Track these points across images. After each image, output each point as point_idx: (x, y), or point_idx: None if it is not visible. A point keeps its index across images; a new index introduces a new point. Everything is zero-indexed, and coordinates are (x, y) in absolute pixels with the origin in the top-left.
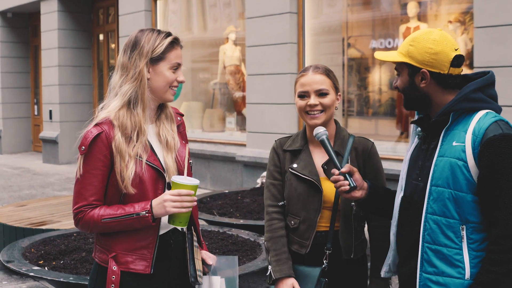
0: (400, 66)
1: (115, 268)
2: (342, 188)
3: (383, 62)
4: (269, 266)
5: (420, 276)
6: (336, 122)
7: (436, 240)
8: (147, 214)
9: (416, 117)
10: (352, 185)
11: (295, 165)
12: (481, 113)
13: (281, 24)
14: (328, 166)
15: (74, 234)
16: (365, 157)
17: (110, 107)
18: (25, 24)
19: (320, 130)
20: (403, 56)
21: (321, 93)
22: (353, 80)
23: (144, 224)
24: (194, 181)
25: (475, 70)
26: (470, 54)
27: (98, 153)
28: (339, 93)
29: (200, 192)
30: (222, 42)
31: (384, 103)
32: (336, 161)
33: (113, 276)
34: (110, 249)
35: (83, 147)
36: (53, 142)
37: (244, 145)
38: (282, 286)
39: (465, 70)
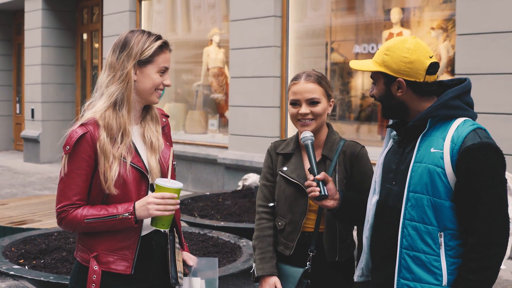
0: (376, 75)
1: (96, 267)
2: (312, 194)
3: None
4: (253, 264)
5: (397, 282)
6: (328, 126)
7: (415, 246)
8: (130, 216)
9: (390, 122)
10: (323, 193)
11: (285, 168)
12: (459, 120)
13: (265, 27)
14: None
15: (55, 234)
16: (353, 160)
17: (96, 107)
18: (8, 22)
19: (306, 135)
20: (378, 65)
21: (312, 102)
22: (335, 85)
23: (127, 226)
24: (177, 184)
25: (456, 77)
26: (452, 61)
27: (82, 153)
28: (332, 100)
29: (181, 193)
30: (206, 44)
31: (366, 108)
32: (315, 167)
33: (94, 276)
34: (92, 248)
35: (68, 146)
36: (34, 141)
37: (226, 148)
38: (264, 284)
39: (447, 77)
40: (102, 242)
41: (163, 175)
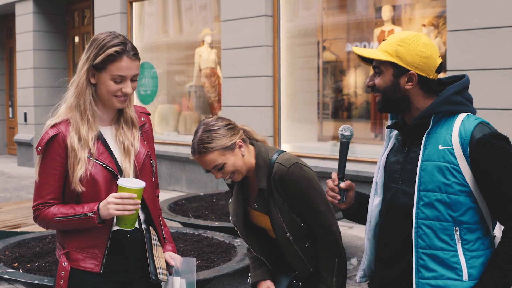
0: (383, 65)
1: (65, 264)
2: (332, 200)
3: (359, 64)
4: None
5: (417, 282)
6: (253, 145)
7: (432, 244)
8: (93, 215)
9: (390, 122)
10: (342, 200)
11: (230, 200)
12: (462, 116)
13: (257, 27)
14: (257, 204)
15: (49, 237)
16: (283, 184)
17: (62, 107)
18: None
19: (347, 133)
20: (389, 56)
21: (218, 168)
22: (328, 83)
23: (91, 225)
24: (138, 184)
25: (448, 73)
26: (443, 57)
27: (53, 153)
28: (238, 142)
29: (175, 194)
30: (197, 44)
31: (359, 106)
32: (343, 170)
33: (63, 272)
34: (64, 245)
35: (40, 147)
36: (27, 145)
37: None
38: None
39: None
40: (72, 239)
41: (136, 175)
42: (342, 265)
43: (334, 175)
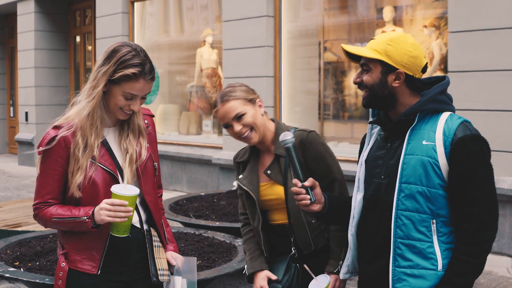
0: (372, 63)
1: (63, 264)
2: (303, 202)
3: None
4: (245, 266)
5: (393, 270)
6: (274, 120)
7: (410, 235)
8: (87, 220)
9: (371, 119)
10: (312, 199)
11: (241, 176)
12: (446, 114)
13: (258, 27)
14: (272, 170)
15: (50, 236)
16: (303, 148)
17: (72, 111)
18: (1, 25)
19: (286, 138)
20: (378, 54)
21: (238, 117)
22: (329, 84)
23: (85, 229)
24: (131, 191)
25: (450, 74)
26: (445, 58)
27: (54, 154)
28: (258, 100)
29: (176, 194)
30: (199, 45)
31: (360, 106)
32: (299, 172)
33: (61, 272)
34: (64, 246)
35: (41, 147)
36: (29, 144)
37: (220, 148)
38: (257, 279)
39: (440, 75)
40: (71, 240)
41: (138, 177)
42: None
43: (295, 180)
